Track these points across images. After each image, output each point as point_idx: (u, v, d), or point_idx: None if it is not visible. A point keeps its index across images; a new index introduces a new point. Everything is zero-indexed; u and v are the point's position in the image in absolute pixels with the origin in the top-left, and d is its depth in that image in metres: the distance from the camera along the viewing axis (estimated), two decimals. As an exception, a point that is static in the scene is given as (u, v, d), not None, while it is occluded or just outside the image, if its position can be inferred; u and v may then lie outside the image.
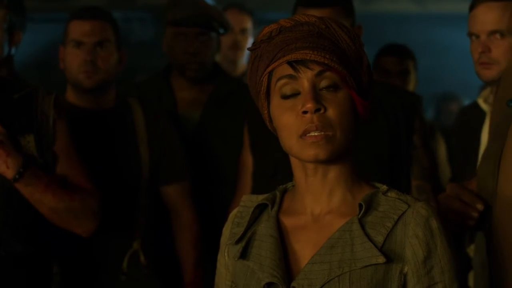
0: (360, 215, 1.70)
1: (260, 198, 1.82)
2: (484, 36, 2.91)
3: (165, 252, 3.21)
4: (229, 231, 1.83)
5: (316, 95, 1.68)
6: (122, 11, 6.01)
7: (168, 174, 3.19)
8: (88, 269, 3.01)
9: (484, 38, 2.91)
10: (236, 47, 4.30)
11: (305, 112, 1.67)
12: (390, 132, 2.95)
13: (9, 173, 2.48)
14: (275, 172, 2.97)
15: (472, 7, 2.96)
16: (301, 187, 1.76)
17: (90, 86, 3.07)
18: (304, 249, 1.73)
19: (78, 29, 3.07)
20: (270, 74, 1.73)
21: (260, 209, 1.80)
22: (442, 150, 4.31)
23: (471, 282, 2.98)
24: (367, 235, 1.68)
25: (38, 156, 2.56)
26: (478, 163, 2.20)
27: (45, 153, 2.58)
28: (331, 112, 1.68)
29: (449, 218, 2.09)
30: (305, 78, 1.69)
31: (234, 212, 1.85)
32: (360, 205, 1.71)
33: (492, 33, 2.90)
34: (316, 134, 1.67)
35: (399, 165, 2.98)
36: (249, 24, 4.18)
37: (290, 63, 1.69)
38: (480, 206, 2.07)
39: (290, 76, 1.70)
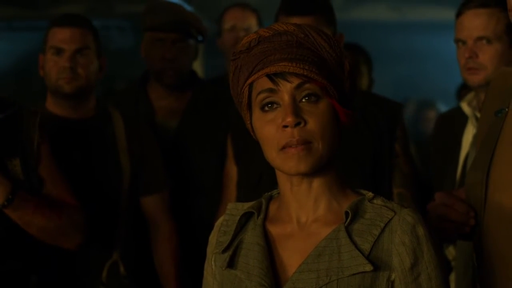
0: (346, 223, 1.69)
1: (245, 206, 1.81)
2: (471, 42, 2.94)
3: (145, 263, 3.19)
4: (216, 239, 1.81)
5: (296, 108, 1.67)
6: (101, 19, 5.98)
7: (148, 185, 3.16)
8: (67, 280, 2.98)
9: (471, 44, 2.94)
10: None
11: (285, 126, 1.66)
12: (373, 140, 2.95)
13: None
14: (260, 181, 2.95)
15: (458, 14, 2.99)
16: (286, 196, 1.76)
17: (70, 91, 3.03)
18: (291, 258, 1.73)
19: (58, 36, 3.04)
20: (251, 86, 1.72)
21: (246, 217, 1.80)
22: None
23: (452, 285, 2.98)
24: (354, 243, 1.68)
25: (24, 179, 2.59)
26: (467, 172, 2.20)
27: (30, 175, 2.61)
28: (311, 124, 1.67)
29: (443, 227, 2.10)
30: (285, 91, 1.67)
31: (220, 220, 1.84)
32: (347, 213, 1.70)
33: (479, 39, 2.93)
34: (296, 147, 1.66)
35: (381, 173, 2.97)
36: (253, 22, 4.10)
37: (269, 76, 1.68)
38: (473, 214, 2.07)
39: (270, 90, 1.68)
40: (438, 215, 2.11)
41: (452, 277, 2.99)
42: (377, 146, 2.96)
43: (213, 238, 1.83)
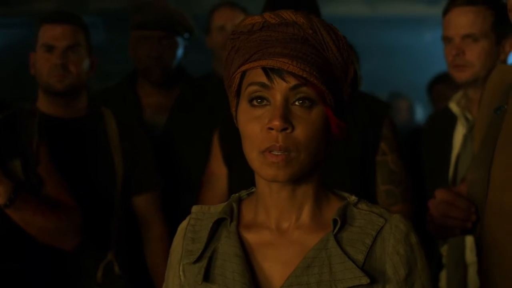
0: (335, 231, 1.57)
1: (212, 209, 1.68)
2: (458, 39, 2.98)
3: (139, 263, 3.18)
4: (182, 247, 1.66)
5: (286, 112, 1.52)
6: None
7: (141, 184, 3.16)
8: (62, 280, 2.96)
9: (458, 41, 2.98)
10: None
11: (271, 129, 1.52)
12: (361, 138, 2.96)
13: (0, 200, 2.48)
14: (250, 181, 2.94)
15: (446, 11, 3.03)
16: (266, 201, 1.62)
17: (62, 89, 3.01)
18: (273, 268, 1.58)
19: (49, 33, 3.02)
20: (244, 73, 1.58)
21: (217, 223, 1.65)
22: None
23: (442, 282, 3.02)
24: (345, 253, 1.56)
25: (24, 179, 2.58)
26: (468, 169, 2.23)
27: (30, 176, 2.60)
28: (299, 132, 1.53)
29: (445, 224, 2.13)
30: (279, 90, 1.53)
31: (183, 225, 1.69)
32: (335, 221, 1.58)
33: (466, 36, 2.97)
34: (277, 153, 1.52)
35: (369, 171, 2.99)
36: None
37: (264, 69, 1.53)
38: (474, 210, 2.11)
39: (262, 85, 1.54)
40: (440, 212, 2.14)
41: (443, 274, 3.03)
42: (365, 145, 2.97)
43: (178, 246, 1.67)
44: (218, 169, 3.08)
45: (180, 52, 3.56)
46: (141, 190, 3.16)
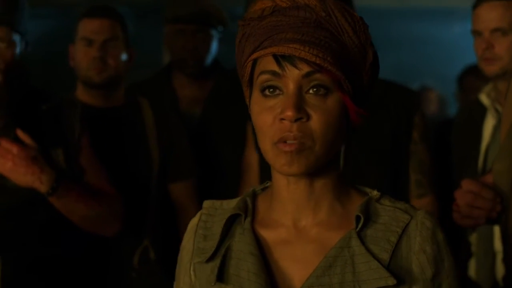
0: (358, 228, 1.48)
1: (225, 204, 1.59)
2: (487, 33, 3.02)
3: (174, 249, 3.23)
4: (193, 245, 1.56)
5: (300, 101, 1.42)
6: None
7: (177, 172, 3.22)
8: (99, 266, 3.03)
9: (487, 35, 3.02)
10: None
11: (284, 119, 1.43)
12: (391, 127, 3.00)
13: (43, 188, 2.54)
14: None
15: (475, 6, 3.07)
16: (282, 195, 1.51)
17: (100, 81, 3.11)
18: (291, 268, 1.49)
19: (88, 27, 3.12)
20: (255, 61, 1.48)
21: (231, 219, 1.55)
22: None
23: (471, 270, 3.06)
24: (370, 252, 1.46)
25: (66, 168, 2.64)
26: (494, 159, 2.28)
27: (72, 165, 2.66)
28: (315, 122, 1.43)
29: (471, 214, 2.19)
30: (291, 78, 1.43)
31: (194, 221, 1.59)
32: (358, 217, 1.48)
33: (495, 30, 3.02)
34: (291, 142, 1.42)
35: (399, 160, 3.03)
36: None
37: (275, 57, 1.43)
38: (500, 200, 2.16)
39: (274, 73, 1.44)
40: (466, 202, 2.20)
41: (472, 262, 3.07)
42: (396, 134, 3.01)
43: (188, 243, 1.58)
44: (251, 157, 3.13)
45: (214, 45, 3.62)
46: (178, 177, 3.23)
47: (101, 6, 3.22)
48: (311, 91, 1.43)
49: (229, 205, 1.57)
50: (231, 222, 1.54)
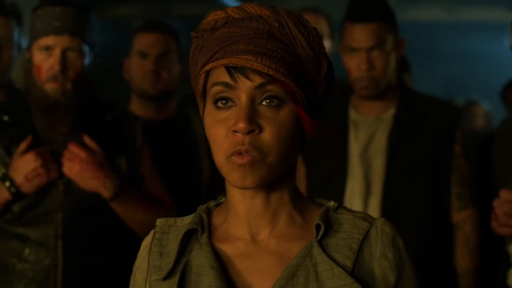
0: (318, 237, 1.45)
1: (178, 221, 1.54)
2: None
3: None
4: (148, 264, 1.50)
5: (252, 113, 1.39)
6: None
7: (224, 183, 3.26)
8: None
9: None
10: None
11: (236, 131, 1.39)
12: (434, 141, 3.06)
13: (107, 194, 2.64)
14: (329, 178, 3.05)
15: None
16: (238, 209, 1.48)
17: (154, 94, 3.20)
18: (253, 280, 1.45)
19: (144, 41, 3.21)
20: (208, 73, 1.45)
21: (187, 235, 1.49)
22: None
23: (510, 280, 3.05)
24: (332, 259, 1.43)
25: (128, 176, 2.73)
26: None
27: (133, 173, 2.75)
28: (267, 134, 1.39)
29: (508, 223, 2.20)
30: (243, 89, 1.39)
31: (148, 240, 1.53)
32: (318, 226, 1.45)
33: None
34: (244, 154, 1.39)
35: (441, 173, 3.07)
36: (324, 27, 4.06)
37: (228, 68, 1.40)
38: None
39: (226, 85, 1.41)
40: (503, 212, 2.21)
41: (511, 272, 3.05)
42: (438, 148, 3.06)
43: (143, 262, 1.51)
44: (299, 168, 3.16)
45: None
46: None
47: (156, 21, 3.35)
48: (264, 102, 1.40)
49: (183, 222, 1.53)
50: (187, 238, 1.49)
